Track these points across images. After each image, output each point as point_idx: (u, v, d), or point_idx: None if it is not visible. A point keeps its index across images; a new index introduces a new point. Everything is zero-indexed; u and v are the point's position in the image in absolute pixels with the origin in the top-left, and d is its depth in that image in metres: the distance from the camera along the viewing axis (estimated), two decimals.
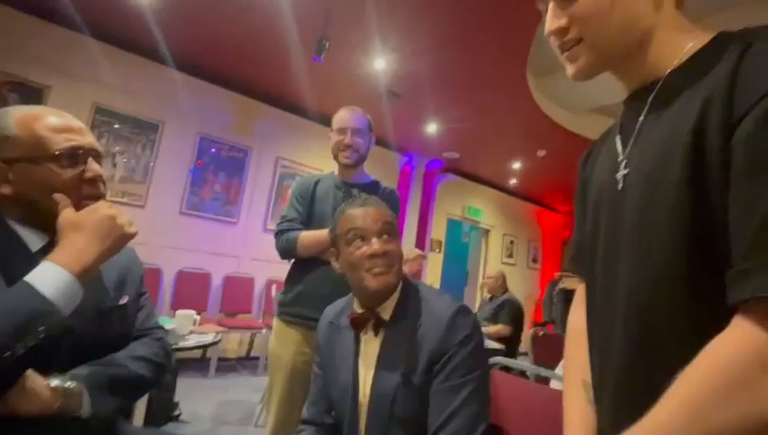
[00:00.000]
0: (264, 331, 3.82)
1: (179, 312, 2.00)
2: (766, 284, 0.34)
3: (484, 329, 3.37)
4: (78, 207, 0.71)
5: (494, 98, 3.77)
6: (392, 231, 0.91)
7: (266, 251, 3.72)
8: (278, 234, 1.49)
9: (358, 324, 0.92)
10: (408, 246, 5.61)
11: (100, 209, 0.70)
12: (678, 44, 0.49)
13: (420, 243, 5.90)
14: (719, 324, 0.38)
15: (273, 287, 3.71)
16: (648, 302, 0.46)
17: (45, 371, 0.65)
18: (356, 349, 0.92)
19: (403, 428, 0.82)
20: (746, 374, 0.34)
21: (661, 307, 0.44)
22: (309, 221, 1.49)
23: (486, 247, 6.93)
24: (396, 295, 0.91)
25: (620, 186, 0.51)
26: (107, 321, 0.79)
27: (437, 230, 6.23)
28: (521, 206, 7.39)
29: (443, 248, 6.35)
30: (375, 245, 0.87)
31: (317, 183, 1.55)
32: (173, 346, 1.77)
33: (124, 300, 0.85)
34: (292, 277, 1.50)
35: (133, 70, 3.61)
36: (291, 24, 2.93)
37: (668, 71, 0.49)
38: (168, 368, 0.92)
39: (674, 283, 0.43)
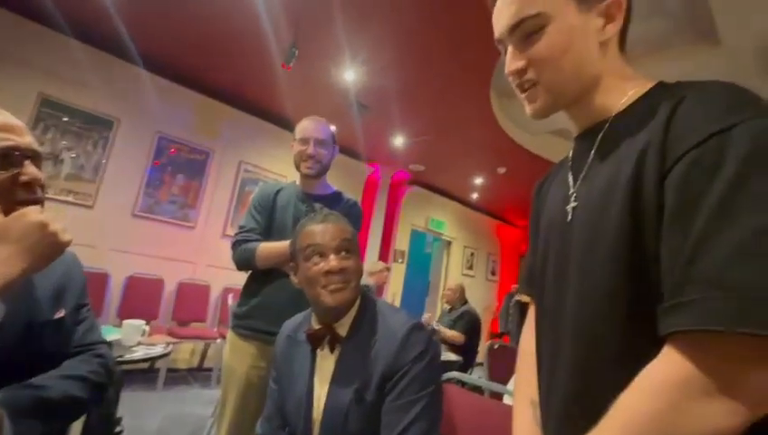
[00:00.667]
0: (218, 341, 3.68)
1: (126, 322, 1.89)
2: (691, 318, 0.37)
3: (441, 330, 3.44)
4: (9, 212, 0.64)
5: (459, 115, 3.89)
6: (351, 247, 0.92)
7: (224, 258, 3.59)
8: (235, 244, 1.44)
9: (314, 340, 0.92)
10: (373, 255, 5.62)
11: (28, 215, 0.63)
12: (622, 90, 0.54)
13: (384, 253, 5.93)
14: (652, 350, 0.41)
15: (230, 296, 3.59)
16: (590, 328, 0.49)
17: None
18: (312, 364, 0.92)
19: None
20: (674, 401, 0.37)
21: (602, 333, 0.48)
22: (268, 232, 1.46)
23: (448, 259, 7.07)
24: (353, 311, 0.92)
25: (569, 217, 0.56)
26: (38, 337, 0.73)
27: (401, 241, 6.28)
28: (481, 219, 7.61)
29: (406, 259, 6.42)
30: (332, 261, 0.88)
31: (278, 192, 1.52)
32: (118, 359, 1.66)
33: (60, 313, 0.78)
34: (249, 289, 1.46)
35: (88, 62, 3.41)
36: (261, 30, 2.90)
37: (613, 114, 0.54)
38: (108, 386, 0.86)
39: (613, 312, 0.47)
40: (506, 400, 1.58)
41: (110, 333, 1.83)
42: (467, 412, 1.05)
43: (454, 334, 3.45)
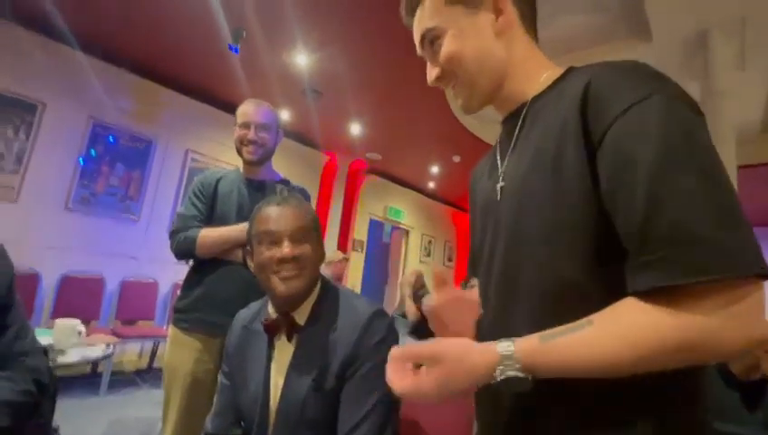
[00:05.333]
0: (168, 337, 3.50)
1: (59, 322, 1.73)
2: (659, 275, 0.40)
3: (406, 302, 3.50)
4: None
5: (414, 104, 3.91)
6: (307, 235, 0.88)
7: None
8: (173, 233, 1.37)
9: (271, 329, 0.88)
10: (332, 245, 5.56)
11: None
12: (535, 76, 0.59)
13: (343, 242, 5.88)
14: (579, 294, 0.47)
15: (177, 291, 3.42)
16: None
17: None
18: (268, 354, 0.89)
19: (312, 431, 0.81)
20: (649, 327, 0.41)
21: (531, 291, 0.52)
22: (209, 221, 1.39)
23: (407, 247, 7.16)
24: (312, 299, 0.89)
25: (498, 196, 0.59)
26: None
27: (360, 230, 6.27)
28: (438, 207, 7.77)
29: (365, 248, 6.42)
30: (285, 248, 0.85)
31: (219, 180, 1.46)
32: (52, 364, 1.52)
33: None
34: (191, 280, 1.38)
35: (4, 38, 3.05)
36: (207, 11, 2.72)
37: (531, 96, 0.58)
38: (41, 402, 0.78)
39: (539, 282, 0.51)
40: None
41: (41, 336, 1.67)
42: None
43: (411, 306, 3.51)
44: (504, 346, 0.44)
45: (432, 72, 0.63)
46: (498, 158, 0.63)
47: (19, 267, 3.12)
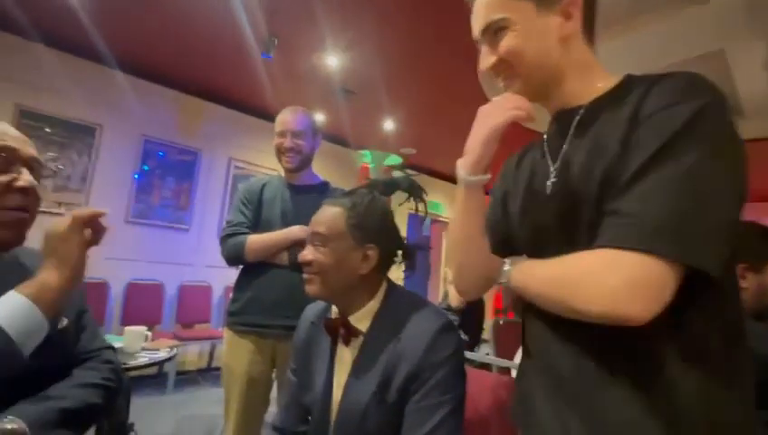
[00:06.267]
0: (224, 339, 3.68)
1: (128, 329, 1.88)
2: (611, 237, 0.49)
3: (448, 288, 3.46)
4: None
5: (448, 95, 3.83)
6: (327, 241, 0.85)
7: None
8: (224, 239, 1.42)
9: (330, 329, 0.89)
10: None
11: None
12: (589, 81, 0.62)
13: None
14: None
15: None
16: None
17: None
18: (332, 353, 0.89)
19: None
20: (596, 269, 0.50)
21: None
22: (255, 226, 1.44)
23: (448, 239, 7.08)
24: (374, 305, 0.87)
25: (549, 191, 0.63)
26: (44, 348, 0.70)
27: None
28: None
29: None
30: (304, 251, 0.87)
31: (264, 187, 1.50)
32: (124, 366, 1.65)
33: (63, 323, 0.76)
34: (241, 284, 1.44)
35: (62, 68, 3.31)
36: (237, 23, 2.81)
37: (588, 101, 0.61)
38: (119, 391, 0.86)
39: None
40: (514, 374, 1.59)
41: (112, 342, 1.81)
42: (476, 389, 1.04)
43: (454, 294, 3.47)
44: None
45: (488, 60, 0.64)
46: (548, 154, 0.66)
47: (89, 278, 3.41)
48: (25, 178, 0.70)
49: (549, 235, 0.61)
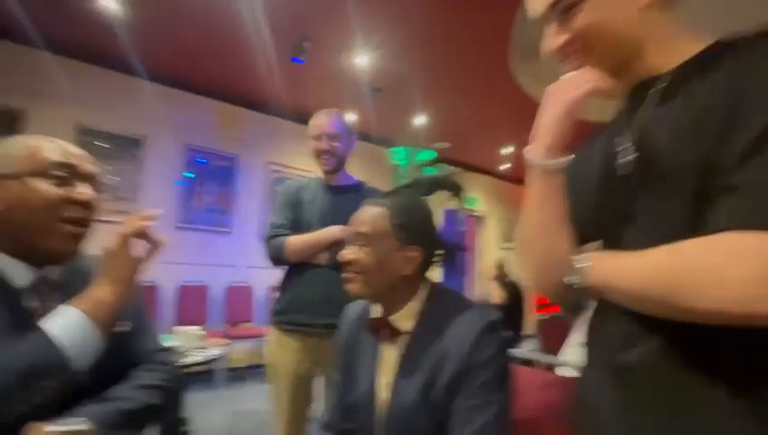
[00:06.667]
0: (269, 337, 3.81)
1: (183, 329, 1.98)
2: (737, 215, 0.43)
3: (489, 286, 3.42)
4: (50, 228, 0.68)
5: (479, 86, 3.75)
6: (370, 241, 0.84)
7: (263, 258, 3.64)
8: (267, 240, 1.47)
9: (373, 329, 0.90)
10: None
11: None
12: (671, 50, 0.55)
13: None
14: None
15: (275, 294, 3.69)
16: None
17: (45, 413, 0.61)
18: (375, 352, 0.90)
19: None
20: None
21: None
22: (295, 227, 1.48)
23: (484, 234, 6.94)
24: (416, 304, 0.87)
25: (626, 169, 0.57)
26: (106, 351, 0.74)
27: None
28: (515, 190, 7.40)
29: None
30: (345, 250, 0.87)
31: (302, 188, 1.54)
32: (178, 364, 1.74)
33: (123, 327, 0.80)
34: (284, 284, 1.49)
35: (110, 86, 3.54)
36: (268, 29, 2.88)
37: (669, 69, 0.54)
38: (176, 391, 0.89)
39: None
40: (559, 371, 1.53)
41: (167, 342, 1.92)
42: (522, 386, 1.01)
43: (495, 291, 3.42)
44: None
45: (556, 40, 0.57)
46: (624, 131, 0.58)
47: (143, 281, 3.62)
48: (84, 190, 0.73)
49: (630, 221, 0.55)
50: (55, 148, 0.73)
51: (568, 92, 0.56)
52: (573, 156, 0.60)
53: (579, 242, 0.62)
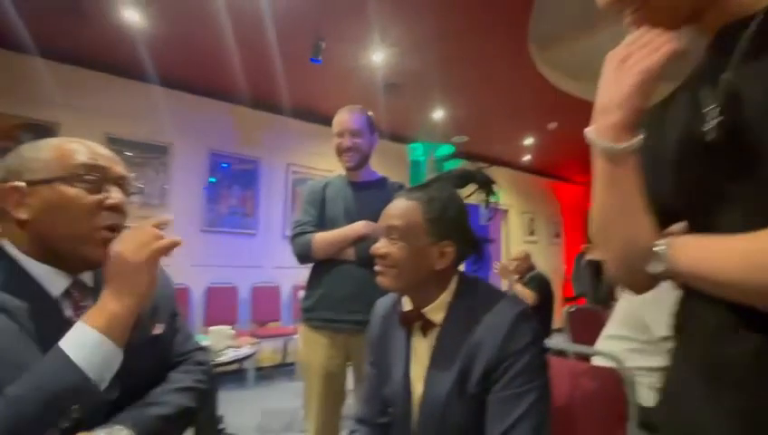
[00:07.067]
0: (296, 336, 3.87)
1: (214, 329, 2.03)
2: None
3: (515, 289, 3.33)
4: (90, 235, 0.68)
5: (498, 77, 3.68)
6: (403, 236, 0.84)
7: (288, 258, 3.69)
8: (293, 238, 1.49)
9: (406, 322, 0.89)
10: None
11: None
12: None
13: None
14: None
15: (300, 293, 3.74)
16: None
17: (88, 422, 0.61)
18: (408, 346, 0.89)
19: (457, 434, 0.79)
20: None
21: None
22: (321, 224, 1.49)
23: (507, 228, 6.84)
24: (447, 296, 0.86)
25: (711, 136, 0.47)
26: (142, 354, 0.74)
27: None
28: (537, 182, 7.25)
29: None
30: (378, 243, 0.86)
31: (326, 186, 1.55)
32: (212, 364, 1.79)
33: (159, 329, 0.81)
34: (312, 281, 1.50)
35: (136, 96, 3.66)
36: (284, 32, 2.91)
37: (762, 6, 0.44)
38: (210, 391, 0.90)
39: None
40: (595, 361, 1.49)
41: (200, 341, 1.97)
42: (558, 377, 0.99)
43: (524, 292, 3.32)
44: None
45: None
46: (707, 89, 0.49)
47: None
48: (116, 195, 0.72)
49: (721, 199, 0.47)
50: (85, 150, 0.73)
51: (642, 58, 0.47)
52: (645, 134, 0.51)
53: (661, 224, 0.54)
